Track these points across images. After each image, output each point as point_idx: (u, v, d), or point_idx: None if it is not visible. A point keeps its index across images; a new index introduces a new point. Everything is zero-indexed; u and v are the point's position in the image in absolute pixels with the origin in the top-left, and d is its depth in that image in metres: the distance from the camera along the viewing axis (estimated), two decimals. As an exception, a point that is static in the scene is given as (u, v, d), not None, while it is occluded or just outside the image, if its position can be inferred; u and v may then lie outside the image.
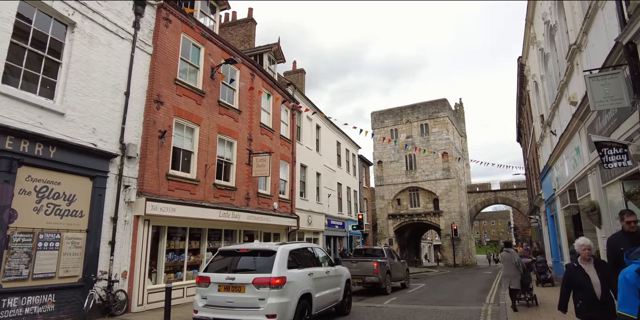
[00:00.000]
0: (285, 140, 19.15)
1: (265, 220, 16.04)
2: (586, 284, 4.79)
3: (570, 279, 4.96)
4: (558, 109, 13.44)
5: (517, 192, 44.85)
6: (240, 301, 6.79)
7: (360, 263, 15.32)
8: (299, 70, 27.11)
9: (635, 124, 6.50)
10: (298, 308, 7.11)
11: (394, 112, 46.98)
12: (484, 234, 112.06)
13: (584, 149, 10.22)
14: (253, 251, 7.53)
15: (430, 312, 10.79)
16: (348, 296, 10.38)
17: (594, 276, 4.81)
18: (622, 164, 6.36)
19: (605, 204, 9.22)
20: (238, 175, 14.79)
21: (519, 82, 25.62)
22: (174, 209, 11.33)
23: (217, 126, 13.81)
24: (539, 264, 15.69)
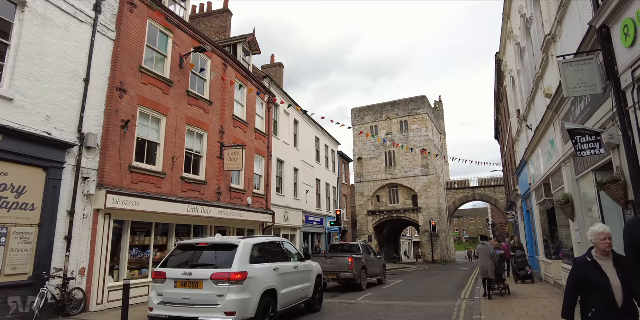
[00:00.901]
0: (261, 134, 18.67)
1: (238, 216, 15.57)
2: (603, 285, 3.61)
3: (582, 279, 3.71)
4: (534, 103, 13.38)
5: (494, 189, 45.31)
6: (197, 298, 6.37)
7: (335, 259, 15.02)
8: (277, 64, 26.63)
9: (608, 112, 6.31)
10: (261, 305, 6.72)
11: (374, 109, 46.85)
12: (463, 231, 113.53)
13: (559, 141, 10.10)
14: (213, 245, 7.10)
15: (404, 308, 10.54)
16: (319, 292, 10.04)
17: (614, 276, 3.64)
18: (595, 152, 6.17)
19: (578, 196, 9.11)
20: (209, 169, 14.27)
21: (496, 78, 25.70)
22: (138, 203, 10.78)
23: (185, 117, 13.27)
24: (519, 260, 14.65)
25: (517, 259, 14.71)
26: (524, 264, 14.56)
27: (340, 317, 9.11)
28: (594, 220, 8.33)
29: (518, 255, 14.68)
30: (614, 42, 5.81)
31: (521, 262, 14.54)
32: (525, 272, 14.36)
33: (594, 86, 6.26)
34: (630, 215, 5.90)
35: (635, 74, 5.23)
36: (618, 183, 6.00)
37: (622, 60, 5.56)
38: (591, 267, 3.73)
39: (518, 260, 14.64)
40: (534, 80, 12.66)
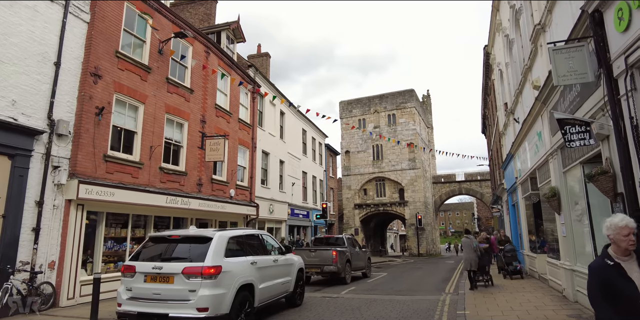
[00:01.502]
0: (245, 125, 18.24)
1: (220, 208, 15.19)
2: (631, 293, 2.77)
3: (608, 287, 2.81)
4: (522, 95, 13.21)
5: (480, 183, 45.53)
6: (168, 293, 6.03)
7: (319, 252, 14.76)
8: (264, 54, 26.13)
9: (598, 101, 6.09)
10: (236, 300, 6.41)
11: (362, 102, 46.56)
12: (449, 224, 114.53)
13: (546, 134, 9.92)
14: (186, 238, 6.75)
15: (387, 302, 10.34)
16: (300, 286, 9.77)
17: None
18: (585, 143, 5.95)
19: (565, 189, 8.95)
20: (189, 159, 13.84)
21: (484, 71, 25.55)
22: (113, 194, 10.35)
23: (165, 105, 12.80)
24: (508, 254, 13.79)
25: (506, 253, 13.90)
26: (513, 258, 13.74)
27: (321, 312, 8.86)
28: (580, 214, 8.18)
29: (507, 249, 13.90)
30: (607, 28, 5.56)
31: (510, 256, 13.75)
32: (514, 267, 13.60)
33: (585, 74, 6.02)
34: (618, 208, 5.71)
35: (629, 60, 4.99)
36: (607, 175, 5.80)
37: (615, 46, 5.32)
38: (614, 272, 2.84)
39: (507, 255, 13.82)
40: (522, 72, 12.47)
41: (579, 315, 7.26)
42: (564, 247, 9.22)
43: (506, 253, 13.81)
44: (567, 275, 8.88)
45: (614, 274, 2.84)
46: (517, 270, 13.56)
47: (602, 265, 2.93)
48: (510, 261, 13.68)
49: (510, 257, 13.70)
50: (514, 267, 13.56)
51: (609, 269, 2.87)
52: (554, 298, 9.25)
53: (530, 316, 7.50)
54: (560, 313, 7.59)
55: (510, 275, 13.59)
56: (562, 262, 9.32)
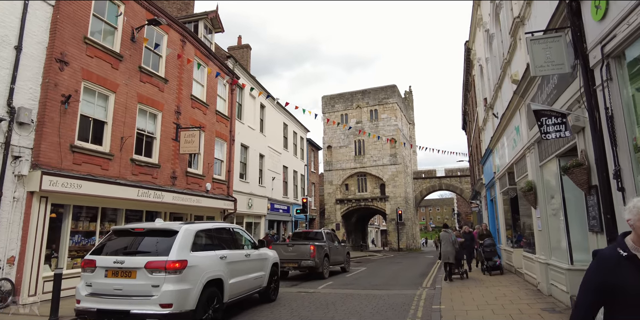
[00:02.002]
0: (222, 117, 17.84)
1: (196, 202, 14.83)
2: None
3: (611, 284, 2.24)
4: (501, 90, 13.20)
5: (460, 179, 45.96)
6: (130, 288, 5.73)
7: (297, 246, 14.55)
8: (244, 46, 25.66)
9: (575, 93, 6.01)
10: (203, 296, 6.16)
11: (344, 97, 46.40)
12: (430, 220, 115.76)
13: (524, 128, 9.88)
14: (151, 231, 6.44)
15: (363, 297, 10.21)
16: (274, 281, 9.55)
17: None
18: (561, 135, 5.86)
19: (541, 183, 8.92)
20: (162, 151, 13.43)
21: (465, 67, 25.63)
22: (80, 186, 9.92)
23: (137, 95, 12.35)
24: (487, 249, 13.31)
25: (485, 248, 13.37)
26: (492, 253, 13.27)
27: (295, 307, 8.66)
28: (556, 208, 8.15)
29: (487, 243, 13.39)
30: (584, 17, 5.45)
31: (489, 251, 13.27)
32: (493, 262, 13.15)
33: (562, 65, 5.92)
34: (592, 200, 5.65)
35: (605, 50, 4.88)
36: (582, 167, 5.73)
37: (592, 35, 5.21)
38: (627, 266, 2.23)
39: (486, 250, 13.32)
40: (501, 67, 12.44)
41: (552, 309, 7.23)
42: (539, 241, 9.22)
43: (485, 248, 13.35)
44: (541, 269, 8.88)
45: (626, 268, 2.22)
46: (496, 265, 13.13)
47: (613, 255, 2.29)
48: (489, 256, 13.23)
49: (490, 252, 13.25)
50: (493, 262, 13.15)
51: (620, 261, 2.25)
52: (529, 292, 9.26)
53: (505, 310, 7.44)
54: (534, 307, 7.56)
55: (489, 271, 13.20)
56: (537, 256, 9.32)
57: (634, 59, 4.69)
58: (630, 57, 4.74)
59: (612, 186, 4.84)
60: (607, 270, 2.27)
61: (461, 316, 7.17)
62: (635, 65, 4.74)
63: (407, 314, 7.75)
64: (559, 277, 7.69)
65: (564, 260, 7.43)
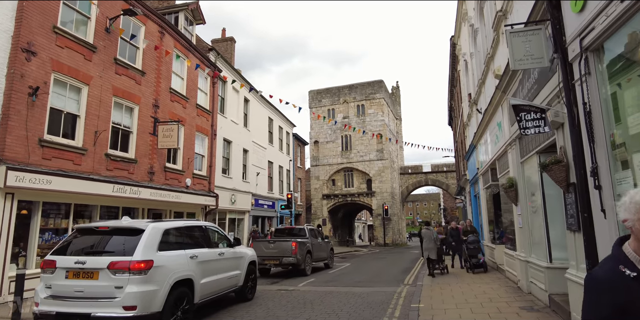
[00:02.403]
0: (204, 111, 17.46)
1: (175, 198, 14.51)
2: None
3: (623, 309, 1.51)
4: (484, 85, 13.09)
5: (446, 174, 46.13)
6: (91, 290, 5.46)
7: (278, 243, 14.34)
8: (228, 39, 25.21)
9: (554, 88, 5.85)
10: (171, 297, 5.91)
11: (331, 92, 46.12)
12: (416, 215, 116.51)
13: (506, 124, 9.77)
14: (116, 229, 6.16)
15: (343, 294, 10.05)
16: (252, 280, 9.34)
17: None
18: (540, 131, 5.71)
19: (522, 180, 8.82)
20: (139, 145, 13.06)
21: (451, 63, 25.55)
22: (50, 182, 9.55)
23: (112, 87, 11.95)
24: (470, 246, 12.83)
25: (468, 245, 12.89)
26: (476, 250, 12.80)
27: (271, 307, 8.46)
28: (536, 205, 8.06)
29: (470, 240, 12.89)
30: (564, 10, 5.29)
31: (473, 248, 12.77)
32: (477, 260, 12.65)
33: (541, 59, 5.76)
34: (570, 198, 5.52)
35: (584, 43, 4.72)
36: (560, 164, 5.59)
37: (571, 28, 5.05)
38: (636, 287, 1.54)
39: (470, 246, 12.82)
40: (485, 62, 12.33)
41: (530, 307, 7.14)
42: (520, 239, 9.14)
43: (469, 244, 12.87)
44: (522, 266, 8.80)
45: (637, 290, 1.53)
46: (479, 263, 12.66)
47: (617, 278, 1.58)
48: (473, 253, 12.78)
49: (473, 249, 12.78)
50: (477, 260, 12.67)
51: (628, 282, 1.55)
52: (509, 289, 9.19)
53: (483, 309, 7.33)
54: (512, 305, 7.46)
55: (472, 268, 12.73)
56: (517, 254, 9.25)
57: (612, 52, 4.55)
58: (609, 50, 4.59)
59: (590, 184, 4.71)
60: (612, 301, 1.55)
61: (439, 315, 7.04)
62: (614, 59, 4.60)
63: (384, 313, 7.60)
64: (538, 275, 7.60)
65: (543, 258, 7.34)
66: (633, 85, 4.29)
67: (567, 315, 5.89)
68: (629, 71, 4.33)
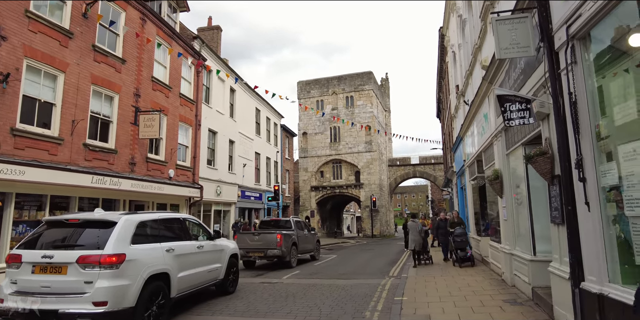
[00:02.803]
0: (187, 101, 17.09)
1: (158, 189, 14.21)
2: None
3: None
4: (472, 76, 12.97)
5: (434, 167, 46.29)
6: (59, 286, 5.23)
7: (263, 235, 14.18)
8: (214, 27, 24.72)
9: (540, 78, 5.71)
10: (145, 292, 5.70)
11: (320, 83, 45.77)
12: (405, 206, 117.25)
13: (492, 115, 9.65)
14: (87, 222, 5.91)
15: (327, 287, 9.94)
16: (233, 273, 9.16)
17: None
18: (525, 122, 5.57)
19: (507, 172, 8.73)
20: (120, 135, 12.71)
21: (439, 54, 25.40)
22: (23, 172, 9.22)
23: (91, 75, 11.56)
24: (457, 238, 12.38)
25: (455, 238, 12.46)
26: (463, 243, 12.33)
27: (252, 300, 8.30)
28: (521, 198, 7.98)
29: (457, 232, 12.46)
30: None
31: (460, 241, 12.32)
32: (464, 253, 12.18)
33: (528, 48, 5.60)
34: (555, 191, 5.41)
35: (570, 30, 4.57)
36: (545, 156, 5.46)
37: (557, 15, 4.89)
38: None
39: (457, 239, 12.39)
40: (472, 52, 12.19)
41: (514, 301, 7.09)
42: (504, 231, 9.08)
43: (456, 237, 12.45)
44: (506, 259, 8.76)
45: None
46: (467, 257, 12.20)
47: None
48: (460, 246, 12.34)
49: (460, 242, 12.35)
50: (465, 253, 12.21)
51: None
52: (493, 282, 9.16)
53: (467, 302, 7.27)
54: (496, 298, 7.41)
55: (459, 262, 12.30)
56: (502, 246, 9.20)
57: (599, 40, 4.40)
58: (595, 38, 4.44)
59: (574, 176, 4.59)
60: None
61: (422, 309, 6.95)
62: (600, 47, 4.46)
63: (367, 307, 7.49)
64: (522, 268, 7.55)
65: (527, 251, 7.28)
66: (620, 75, 4.16)
67: (549, 308, 5.83)
68: (615, 60, 4.20)
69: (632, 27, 3.77)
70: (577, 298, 4.49)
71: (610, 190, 4.12)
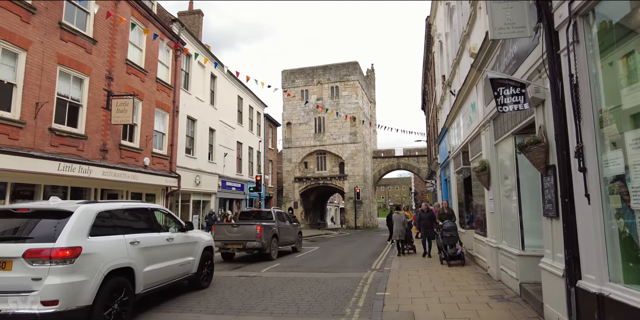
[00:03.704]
0: (164, 86, 16.36)
1: (132, 178, 13.57)
2: None
3: None
4: (459, 66, 12.62)
5: (418, 159, 46.26)
6: (3, 283, 4.68)
7: (242, 227, 13.69)
8: (196, 11, 23.85)
9: (536, 61, 5.32)
10: (104, 288, 5.19)
11: (305, 72, 45.04)
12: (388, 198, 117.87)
13: (480, 104, 9.29)
14: (38, 212, 5.34)
15: (306, 281, 9.55)
16: (208, 266, 8.68)
17: None
18: (519, 108, 5.18)
19: (495, 163, 8.39)
20: (90, 120, 12.00)
21: (426, 44, 25.02)
22: (-21, 158, 8.53)
23: (57, 55, 10.81)
24: (446, 233, 10.87)
25: (444, 232, 10.94)
26: (454, 239, 10.92)
27: (227, 296, 7.85)
28: (509, 190, 7.66)
29: (446, 226, 11.01)
30: (552, -30, 4.71)
31: (449, 236, 10.87)
32: (454, 250, 10.75)
33: (523, 28, 5.20)
34: (549, 182, 5.06)
35: (573, 6, 4.17)
36: (540, 145, 5.10)
37: (559, -9, 4.48)
38: None
39: (446, 234, 10.87)
40: (460, 41, 11.82)
41: (501, 297, 6.79)
42: (491, 224, 8.79)
43: (445, 232, 10.95)
44: (492, 253, 8.47)
45: None
46: (457, 254, 10.68)
47: None
48: (450, 242, 10.90)
49: (450, 238, 10.87)
50: (454, 250, 10.74)
51: None
52: (479, 276, 8.88)
53: (452, 298, 6.95)
54: (482, 294, 7.11)
55: (447, 260, 10.73)
56: (488, 240, 8.92)
57: (604, 17, 4.01)
58: (600, 15, 4.05)
59: (573, 166, 4.22)
60: None
61: (405, 305, 6.60)
62: (605, 26, 4.07)
63: (347, 303, 7.10)
64: (509, 263, 7.25)
65: (515, 245, 6.97)
66: (626, 55, 3.78)
67: (539, 306, 5.52)
68: (622, 39, 3.81)
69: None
70: (573, 297, 4.15)
71: (613, 182, 3.76)
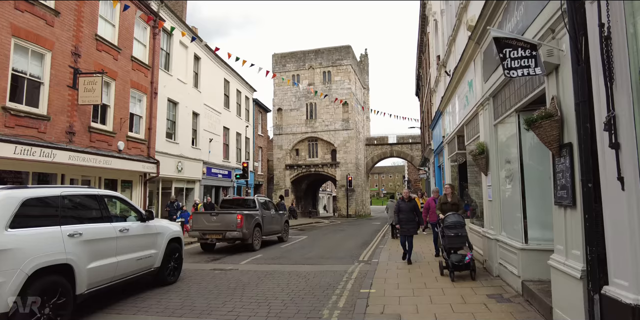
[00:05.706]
0: (141, 65, 15.26)
1: (104, 163, 12.60)
2: None
3: None
4: (455, 43, 11.72)
5: (411, 146, 45.45)
6: None
7: (222, 216, 12.83)
8: (179, -10, 22.49)
9: (548, 19, 4.42)
10: (30, 290, 4.32)
11: (296, 56, 43.75)
12: (382, 186, 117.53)
13: (478, 81, 8.39)
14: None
15: (286, 275, 8.75)
16: (175, 260, 7.82)
17: None
18: (529, 72, 4.29)
19: (495, 145, 7.52)
20: (53, 100, 10.96)
21: (420, 25, 24.03)
22: None
23: (11, 26, 9.71)
24: (450, 232, 7.61)
25: (446, 230, 7.69)
26: (461, 240, 7.64)
27: (193, 293, 7.01)
28: (511, 175, 6.82)
29: (450, 221, 7.75)
30: None
31: (454, 236, 7.59)
32: (461, 256, 7.36)
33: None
34: (563, 164, 4.20)
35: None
36: (552, 119, 4.22)
37: None
38: None
39: (449, 233, 7.62)
40: (457, 14, 10.88)
41: (500, 296, 6.00)
42: (489, 213, 7.98)
43: (448, 229, 7.69)
44: (489, 245, 7.68)
45: None
46: (464, 263, 7.21)
47: None
48: (455, 245, 7.63)
49: (455, 238, 7.60)
50: (461, 257, 7.33)
51: None
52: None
53: (445, 297, 6.16)
54: (479, 292, 6.31)
55: (451, 269, 7.28)
56: (485, 230, 8.11)
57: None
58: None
59: (600, 142, 3.36)
60: None
61: (392, 305, 5.81)
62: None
63: (326, 303, 6.27)
64: (509, 257, 6.44)
65: (517, 237, 6.14)
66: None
67: (546, 309, 4.71)
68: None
69: None
70: (597, 306, 3.32)
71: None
